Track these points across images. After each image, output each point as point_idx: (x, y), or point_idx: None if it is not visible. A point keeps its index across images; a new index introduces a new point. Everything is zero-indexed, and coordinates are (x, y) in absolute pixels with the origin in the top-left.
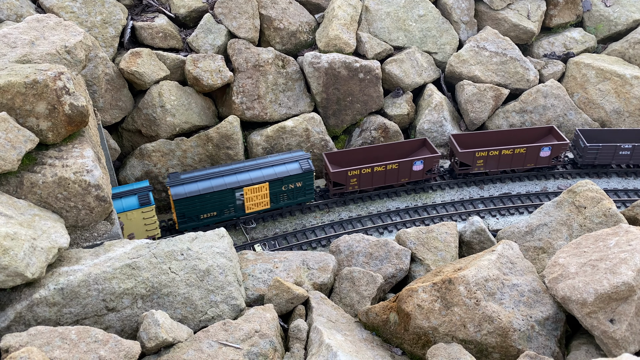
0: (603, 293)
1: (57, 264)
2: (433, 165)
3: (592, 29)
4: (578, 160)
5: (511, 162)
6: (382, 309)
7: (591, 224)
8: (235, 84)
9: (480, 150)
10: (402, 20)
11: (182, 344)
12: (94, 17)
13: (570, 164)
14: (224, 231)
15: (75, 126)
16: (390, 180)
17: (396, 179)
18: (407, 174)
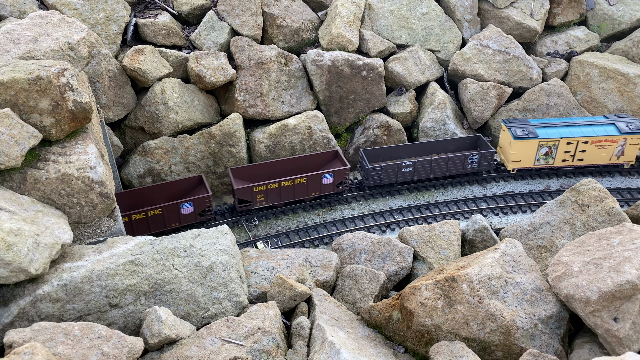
0: (607, 291)
1: (60, 260)
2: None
3: (596, 27)
4: (365, 183)
5: (294, 193)
6: (384, 306)
7: (594, 223)
8: (238, 82)
9: (257, 185)
10: (405, 18)
11: (185, 340)
12: (97, 14)
13: (357, 187)
14: (226, 228)
15: (79, 122)
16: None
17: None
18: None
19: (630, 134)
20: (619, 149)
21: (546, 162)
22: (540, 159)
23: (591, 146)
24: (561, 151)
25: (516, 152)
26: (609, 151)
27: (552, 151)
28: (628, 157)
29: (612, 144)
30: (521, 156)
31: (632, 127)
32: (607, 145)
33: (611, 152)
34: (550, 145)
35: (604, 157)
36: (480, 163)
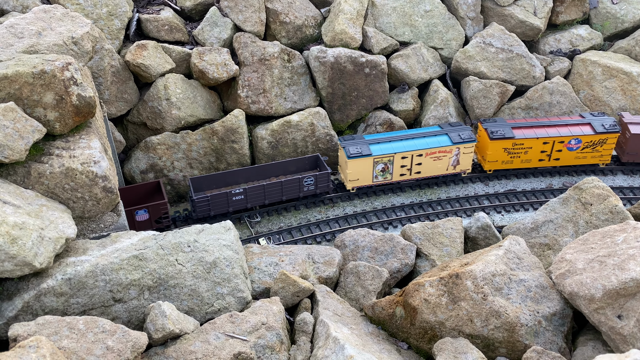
0: (611, 289)
1: (64, 255)
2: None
3: (599, 26)
4: (193, 215)
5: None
6: (388, 303)
7: (597, 221)
8: (241, 78)
9: None
10: (408, 15)
11: (189, 335)
12: (100, 9)
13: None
14: (230, 224)
15: (83, 117)
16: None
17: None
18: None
19: (463, 143)
20: (454, 159)
21: (384, 178)
22: (378, 176)
23: (426, 158)
24: (397, 166)
25: (352, 171)
26: (444, 162)
27: (388, 167)
28: (464, 165)
29: (447, 154)
30: (358, 175)
31: (464, 137)
32: (442, 156)
33: (447, 163)
34: (385, 161)
35: (441, 168)
36: (317, 185)
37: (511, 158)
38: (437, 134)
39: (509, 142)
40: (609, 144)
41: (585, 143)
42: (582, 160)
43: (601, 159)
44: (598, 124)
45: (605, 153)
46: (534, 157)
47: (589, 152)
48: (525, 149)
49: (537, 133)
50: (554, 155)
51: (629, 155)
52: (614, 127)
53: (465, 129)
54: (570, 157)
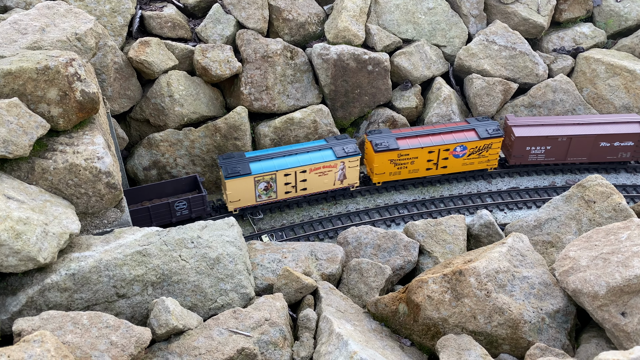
0: (615, 286)
1: (68, 250)
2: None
3: (602, 24)
4: None
5: None
6: (391, 299)
7: (601, 219)
8: (244, 75)
9: None
10: (411, 12)
11: (192, 331)
12: (103, 5)
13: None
14: (233, 220)
15: (86, 113)
16: None
17: None
18: None
19: (347, 157)
20: (340, 173)
21: (269, 197)
22: (261, 195)
23: (311, 174)
24: (281, 184)
25: (232, 191)
26: (330, 177)
27: (271, 185)
28: (351, 179)
29: (332, 169)
30: (240, 195)
31: (348, 150)
32: (327, 171)
33: (333, 177)
34: (267, 180)
35: (327, 183)
36: (192, 209)
37: (398, 169)
38: (321, 148)
39: (394, 153)
40: (494, 149)
41: (471, 149)
42: (470, 167)
43: (488, 164)
44: (482, 129)
45: (492, 158)
46: (421, 167)
47: (476, 157)
48: (411, 159)
49: (421, 142)
50: (441, 164)
51: (515, 158)
52: (498, 131)
53: (349, 142)
54: (458, 164)
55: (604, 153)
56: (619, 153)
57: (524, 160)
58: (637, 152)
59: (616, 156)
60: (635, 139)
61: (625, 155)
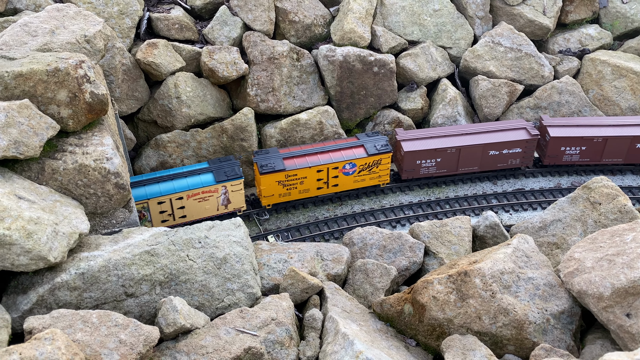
0: (620, 287)
1: (77, 250)
2: None
3: (608, 25)
4: None
5: None
6: (396, 300)
7: (606, 220)
8: (250, 76)
9: None
10: (417, 14)
11: (200, 330)
12: (111, 7)
13: None
14: (240, 220)
15: (96, 114)
16: None
17: None
18: None
19: (229, 180)
20: (223, 198)
21: (143, 224)
22: None
23: (189, 201)
24: (155, 212)
25: None
26: (212, 202)
27: (145, 214)
28: (237, 204)
29: (212, 194)
30: None
31: (230, 174)
32: (208, 197)
33: (216, 203)
34: (139, 208)
35: (210, 209)
36: None
37: (287, 190)
38: (202, 172)
39: (281, 174)
40: (384, 164)
41: (361, 166)
42: (362, 183)
43: (380, 180)
44: (371, 145)
45: (383, 173)
46: (311, 187)
47: (366, 174)
48: (299, 179)
49: (309, 161)
50: (332, 182)
51: (407, 172)
52: (386, 147)
53: (233, 165)
54: (349, 181)
55: (494, 161)
56: (509, 160)
57: (415, 174)
58: (526, 158)
59: (506, 163)
60: (522, 146)
61: (515, 162)
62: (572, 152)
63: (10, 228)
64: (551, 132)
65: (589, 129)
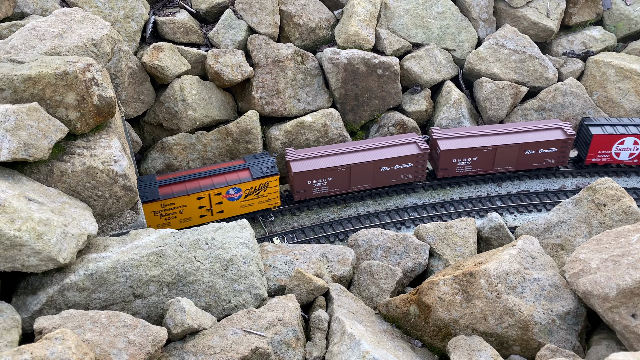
0: (625, 288)
1: (85, 251)
2: None
3: (612, 27)
4: None
5: None
6: (402, 301)
7: (611, 222)
8: (255, 79)
9: None
10: (420, 17)
11: (207, 330)
12: (117, 11)
13: None
14: (246, 222)
15: (103, 117)
16: None
17: None
18: None
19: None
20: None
21: None
22: None
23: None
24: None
25: None
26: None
27: None
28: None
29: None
30: None
31: (266, 171)
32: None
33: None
34: None
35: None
36: None
37: (167, 220)
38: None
39: (156, 204)
40: (272, 187)
41: (247, 190)
42: (250, 208)
43: (270, 203)
44: (257, 168)
45: (272, 196)
46: (193, 215)
47: (254, 198)
48: (179, 207)
49: (188, 188)
50: (216, 209)
51: (298, 193)
52: (273, 169)
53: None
54: (235, 207)
55: (386, 177)
56: (402, 175)
57: (308, 194)
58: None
59: (399, 179)
60: (413, 160)
61: (408, 177)
62: (464, 164)
63: (21, 229)
64: (441, 146)
65: (478, 139)
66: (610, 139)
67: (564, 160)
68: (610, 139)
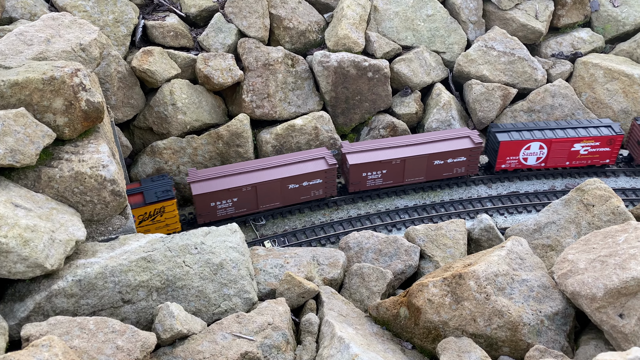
0: (612, 288)
1: (74, 257)
2: None
3: (600, 29)
4: None
5: None
6: (392, 303)
7: (600, 222)
8: (245, 83)
9: None
10: (410, 19)
11: (197, 335)
12: (106, 15)
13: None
14: (236, 226)
15: (91, 122)
16: None
17: None
18: None
19: None
20: None
21: None
22: None
23: None
24: None
25: None
26: None
27: None
28: None
29: None
30: None
31: None
32: None
33: None
34: None
35: None
36: None
37: None
38: None
39: None
40: (170, 212)
41: (140, 216)
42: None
43: (169, 229)
44: (151, 192)
45: (171, 221)
46: None
47: (150, 224)
48: None
49: None
50: None
51: (201, 216)
52: (168, 193)
53: None
54: None
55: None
56: (312, 192)
57: (212, 216)
58: (328, 188)
59: (309, 195)
60: (322, 176)
61: (318, 193)
62: (375, 177)
63: (7, 236)
64: (350, 160)
65: (387, 152)
66: (517, 144)
67: (474, 169)
68: (517, 145)
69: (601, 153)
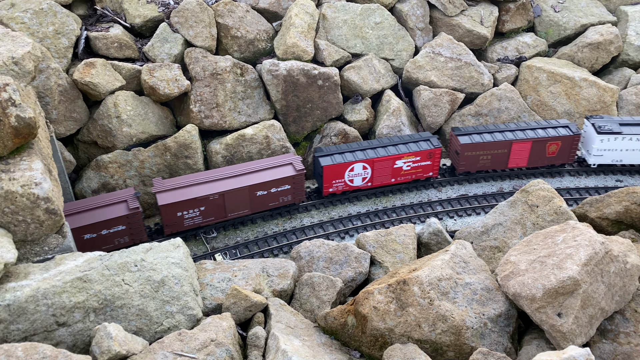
0: (550, 288)
1: (4, 280)
2: None
3: (543, 33)
4: None
5: None
6: (340, 312)
7: (543, 222)
8: (193, 93)
9: None
10: (359, 27)
11: (137, 356)
12: (46, 27)
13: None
14: (179, 241)
15: (23, 138)
16: None
17: None
18: None
19: None
20: None
21: None
22: None
23: None
24: None
25: None
26: None
27: None
28: None
29: None
30: None
31: None
32: None
33: None
34: None
35: None
36: None
37: None
38: None
39: None
40: None
41: None
42: None
43: None
44: None
45: None
46: None
47: None
48: None
49: None
50: None
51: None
52: None
53: None
54: None
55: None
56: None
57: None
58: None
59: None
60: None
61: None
62: (193, 215)
63: None
64: (161, 200)
65: (203, 187)
66: (340, 167)
67: (301, 196)
68: (340, 168)
69: (423, 167)
